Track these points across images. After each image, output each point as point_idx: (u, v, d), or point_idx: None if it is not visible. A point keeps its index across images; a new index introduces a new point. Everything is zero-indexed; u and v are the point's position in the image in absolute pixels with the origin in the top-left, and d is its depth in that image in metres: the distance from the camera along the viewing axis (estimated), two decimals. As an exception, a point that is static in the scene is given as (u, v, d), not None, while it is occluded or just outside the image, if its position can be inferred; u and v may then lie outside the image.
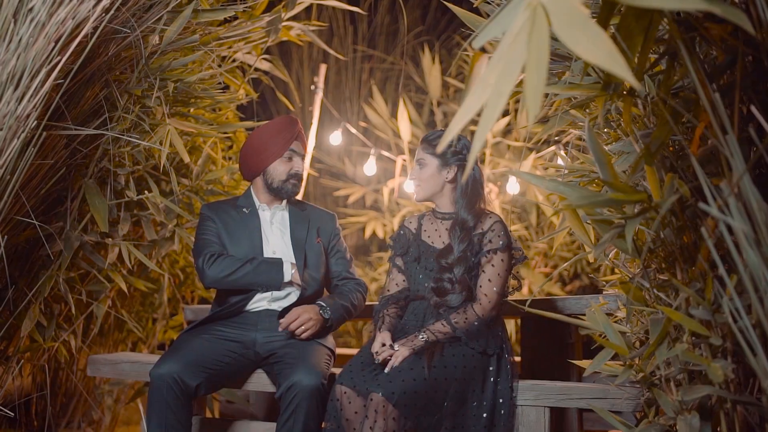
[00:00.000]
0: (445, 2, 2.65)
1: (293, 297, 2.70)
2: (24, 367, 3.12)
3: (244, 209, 2.80)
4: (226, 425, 2.73)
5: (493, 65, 1.35)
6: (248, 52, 3.41)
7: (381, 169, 5.07)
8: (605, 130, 2.64)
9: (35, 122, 2.14)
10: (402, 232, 2.65)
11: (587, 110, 2.65)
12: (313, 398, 2.35)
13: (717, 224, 1.86)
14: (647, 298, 2.25)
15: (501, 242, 2.45)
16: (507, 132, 5.14)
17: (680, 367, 2.02)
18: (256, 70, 3.52)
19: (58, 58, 2.11)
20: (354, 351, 3.93)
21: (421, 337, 2.39)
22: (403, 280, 2.60)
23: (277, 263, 2.67)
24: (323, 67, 4.82)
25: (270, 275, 2.64)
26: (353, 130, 5.11)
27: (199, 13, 2.75)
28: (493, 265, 2.44)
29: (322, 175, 5.96)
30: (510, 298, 2.53)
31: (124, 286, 3.01)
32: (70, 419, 3.53)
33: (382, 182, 5.47)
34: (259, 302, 2.68)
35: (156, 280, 3.58)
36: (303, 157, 2.82)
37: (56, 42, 2.09)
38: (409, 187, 4.90)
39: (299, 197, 3.37)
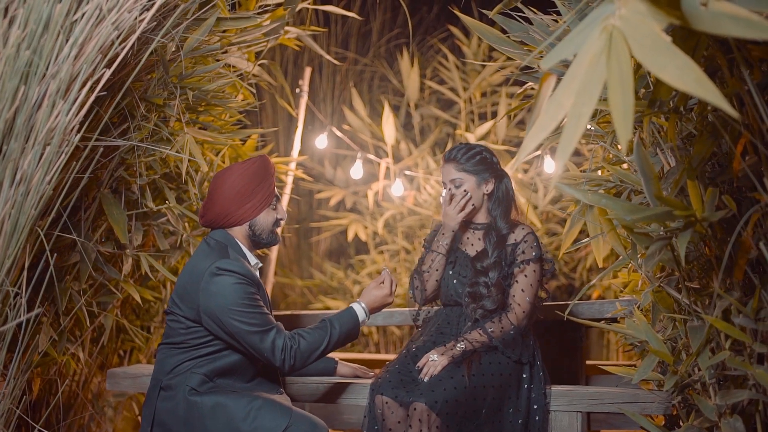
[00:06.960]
0: (458, 13, 2.70)
1: None
2: (34, 382, 3.03)
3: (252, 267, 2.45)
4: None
5: (565, 86, 1.39)
6: (238, 57, 3.37)
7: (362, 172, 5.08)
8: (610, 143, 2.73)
9: (77, 135, 2.09)
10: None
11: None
12: None
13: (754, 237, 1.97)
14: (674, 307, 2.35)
15: (534, 253, 2.51)
16: (486, 136, 5.22)
17: (713, 372, 2.12)
18: (254, 76, 3.49)
19: (104, 69, 2.07)
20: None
21: (459, 346, 2.43)
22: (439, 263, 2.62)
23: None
24: (308, 70, 4.80)
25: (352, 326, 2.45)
26: (339, 134, 5.10)
27: (222, 21, 2.72)
28: (526, 276, 2.50)
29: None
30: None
31: (138, 297, 2.95)
32: (67, 432, 3.44)
33: (359, 185, 5.48)
34: None
35: (155, 288, 3.52)
36: (280, 199, 2.52)
37: (104, 55, 2.04)
38: (397, 191, 4.91)
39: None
